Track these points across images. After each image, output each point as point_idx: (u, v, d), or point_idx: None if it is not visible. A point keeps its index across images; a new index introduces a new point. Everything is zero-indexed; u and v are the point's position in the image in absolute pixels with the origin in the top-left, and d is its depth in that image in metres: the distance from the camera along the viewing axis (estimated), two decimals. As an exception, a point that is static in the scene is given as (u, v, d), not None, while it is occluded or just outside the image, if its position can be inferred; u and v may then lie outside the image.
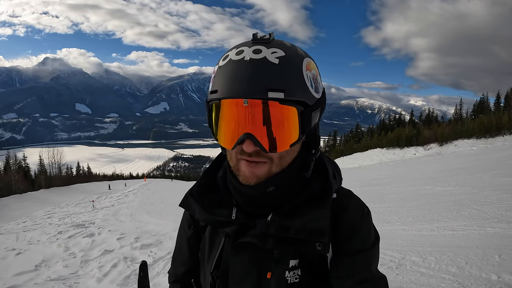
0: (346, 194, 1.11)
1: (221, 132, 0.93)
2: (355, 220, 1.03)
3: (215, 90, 0.89)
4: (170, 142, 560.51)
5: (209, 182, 1.14)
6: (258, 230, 0.97)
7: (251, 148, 0.88)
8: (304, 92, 0.89)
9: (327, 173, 1.05)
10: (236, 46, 0.93)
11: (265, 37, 0.92)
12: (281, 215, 0.97)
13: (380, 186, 17.28)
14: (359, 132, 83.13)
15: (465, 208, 8.88)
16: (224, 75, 0.88)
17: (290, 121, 0.88)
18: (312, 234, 0.93)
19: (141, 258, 7.31)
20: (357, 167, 46.23)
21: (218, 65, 0.92)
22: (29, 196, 38.99)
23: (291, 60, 0.89)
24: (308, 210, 0.97)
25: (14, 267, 6.89)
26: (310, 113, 0.91)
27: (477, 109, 62.22)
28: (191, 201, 1.10)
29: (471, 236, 6.54)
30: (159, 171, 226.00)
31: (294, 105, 0.87)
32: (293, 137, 0.89)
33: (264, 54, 0.87)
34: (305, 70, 0.91)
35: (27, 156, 65.31)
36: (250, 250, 1.00)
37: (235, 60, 0.88)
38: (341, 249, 1.00)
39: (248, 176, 0.94)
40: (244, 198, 1.01)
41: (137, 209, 18.93)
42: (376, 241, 1.05)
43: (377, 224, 5.24)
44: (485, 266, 4.85)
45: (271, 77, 0.84)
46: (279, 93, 0.84)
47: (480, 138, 47.98)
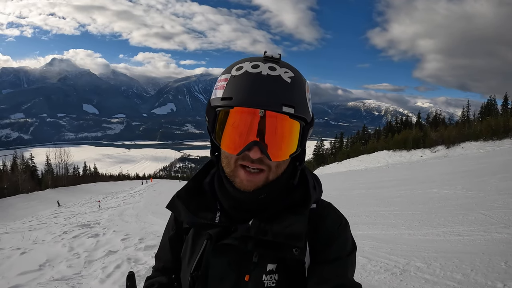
0: (326, 205, 1.19)
1: (226, 138, 0.99)
2: (333, 230, 1.11)
3: (229, 97, 0.96)
4: (177, 143, 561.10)
5: (196, 186, 1.22)
6: (239, 233, 1.03)
7: (257, 155, 0.96)
8: (306, 111, 1.01)
9: (308, 184, 1.13)
10: (249, 60, 1.02)
11: (275, 57, 1.02)
12: (262, 220, 1.04)
13: (386, 189, 17.23)
14: (366, 134, 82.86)
15: (471, 212, 8.81)
16: (240, 85, 0.96)
17: (294, 134, 0.99)
18: (289, 238, 1.00)
19: (145, 259, 7.33)
20: (364, 169, 46.12)
21: (231, 74, 1.00)
22: (35, 195, 39.35)
23: (299, 81, 1.01)
24: (287, 216, 1.05)
25: (18, 267, 6.92)
26: (308, 129, 1.04)
27: (484, 111, 61.66)
28: (178, 203, 1.16)
29: (477, 242, 6.48)
30: (166, 172, 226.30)
31: (299, 121, 0.99)
32: (292, 149, 1.00)
33: (278, 72, 0.98)
34: (307, 92, 1.04)
35: (34, 156, 65.91)
36: (230, 252, 1.06)
37: (253, 72, 0.97)
38: (319, 256, 1.06)
39: (246, 184, 1.01)
40: (232, 203, 1.08)
41: (143, 209, 19.07)
42: (352, 251, 1.11)
43: (382, 228, 5.24)
44: (491, 273, 4.79)
45: (285, 93, 0.95)
46: (290, 108, 0.94)
47: (488, 140, 47.56)
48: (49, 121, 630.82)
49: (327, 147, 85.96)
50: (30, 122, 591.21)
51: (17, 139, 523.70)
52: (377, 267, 5.54)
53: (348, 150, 75.05)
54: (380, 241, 7.23)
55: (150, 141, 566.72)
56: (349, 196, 15.63)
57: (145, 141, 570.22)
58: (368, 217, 10.10)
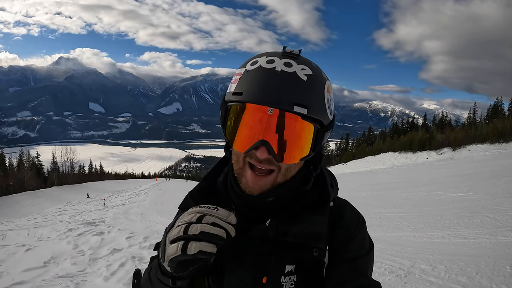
0: (342, 203, 1.15)
1: (235, 134, 0.96)
2: (351, 228, 1.07)
3: (239, 92, 0.93)
4: (182, 142, 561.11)
5: (209, 186, 1.17)
6: (256, 234, 1.00)
7: (264, 155, 0.92)
8: (322, 112, 0.95)
9: (326, 183, 1.09)
10: (266, 54, 0.97)
11: (294, 52, 0.97)
12: (280, 220, 1.00)
13: (392, 191, 17.18)
14: (372, 135, 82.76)
15: (477, 215, 8.76)
16: (252, 80, 0.92)
17: (306, 137, 0.93)
18: (310, 239, 0.97)
19: (149, 257, 7.32)
20: (369, 170, 45.94)
21: (246, 68, 0.96)
22: (41, 193, 39.56)
23: (317, 80, 0.95)
24: (306, 216, 1.01)
25: (23, 263, 6.98)
26: (323, 132, 0.97)
27: (491, 113, 61.44)
28: (191, 204, 1.11)
29: (483, 245, 6.44)
30: (171, 171, 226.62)
31: (312, 122, 0.93)
32: (304, 152, 0.95)
33: (294, 68, 0.92)
34: (326, 92, 0.97)
35: (40, 153, 66.14)
36: (247, 254, 1.01)
37: (266, 68, 0.92)
38: (337, 255, 1.02)
39: (251, 187, 0.98)
40: (243, 204, 1.04)
41: (148, 208, 19.08)
42: (370, 249, 1.08)
43: (387, 230, 5.21)
44: (496, 277, 4.76)
45: (298, 92, 0.90)
46: (303, 108, 0.89)
47: (494, 143, 47.30)
48: (55, 119, 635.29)
49: (333, 148, 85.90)
50: (36, 120, 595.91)
51: (23, 137, 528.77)
52: (381, 269, 5.52)
53: (353, 151, 75.06)
54: (385, 243, 7.21)
55: (156, 140, 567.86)
56: (354, 197, 15.50)
57: (150, 140, 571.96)
58: (373, 219, 10.08)
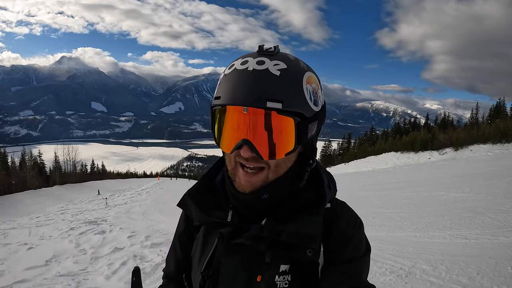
0: (340, 204, 1.15)
1: (220, 136, 0.99)
2: (348, 230, 1.07)
3: (218, 96, 0.95)
4: (184, 141, 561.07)
5: (208, 184, 1.19)
6: (252, 233, 1.00)
7: (248, 154, 0.93)
8: (303, 104, 0.93)
9: (322, 183, 1.08)
10: (242, 56, 0.98)
11: (270, 50, 0.97)
12: (275, 219, 1.01)
13: (393, 191, 17.16)
14: (374, 135, 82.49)
15: (478, 215, 8.75)
16: (228, 83, 0.94)
17: (287, 131, 0.92)
18: (303, 239, 0.97)
19: (151, 256, 7.37)
20: (371, 170, 45.83)
21: (224, 73, 0.98)
22: (43, 192, 39.67)
23: (292, 73, 0.93)
24: (301, 216, 1.01)
25: (25, 262, 7.02)
26: (307, 124, 0.95)
27: (493, 113, 61.02)
28: (189, 202, 1.15)
29: (484, 246, 6.43)
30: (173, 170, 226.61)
31: (291, 116, 0.91)
32: (289, 147, 0.93)
33: (266, 65, 0.92)
34: (305, 84, 0.95)
35: (43, 152, 66.07)
36: (242, 252, 1.03)
37: (239, 69, 0.93)
38: (333, 257, 1.03)
39: (244, 185, 1.00)
40: (239, 203, 1.05)
41: (150, 207, 19.08)
42: (367, 251, 1.08)
43: (389, 230, 5.22)
44: (497, 277, 4.75)
45: (271, 88, 0.89)
46: (277, 103, 0.88)
47: (496, 143, 46.98)
48: (57, 118, 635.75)
49: (335, 147, 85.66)
50: (39, 119, 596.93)
51: (25, 136, 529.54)
52: (382, 269, 5.52)
53: (355, 151, 74.69)
54: (386, 243, 7.21)
55: (158, 140, 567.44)
56: (356, 197, 15.53)
57: (153, 139, 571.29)
58: (374, 218, 10.07)
